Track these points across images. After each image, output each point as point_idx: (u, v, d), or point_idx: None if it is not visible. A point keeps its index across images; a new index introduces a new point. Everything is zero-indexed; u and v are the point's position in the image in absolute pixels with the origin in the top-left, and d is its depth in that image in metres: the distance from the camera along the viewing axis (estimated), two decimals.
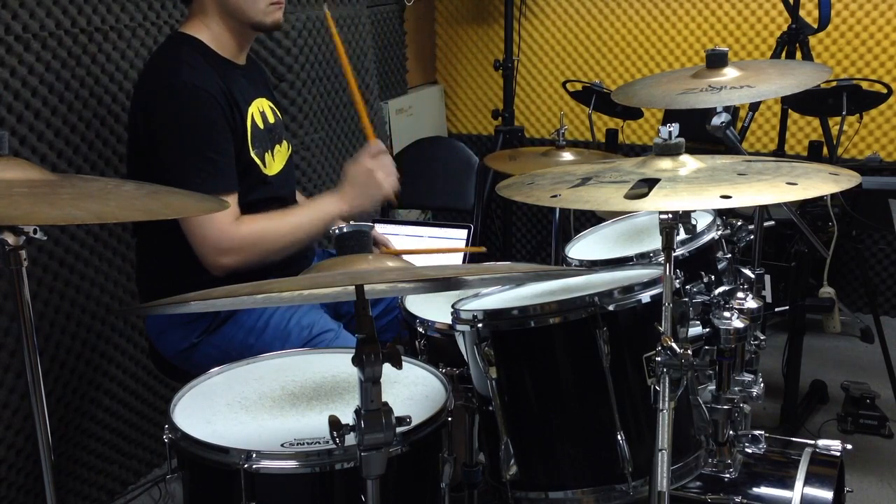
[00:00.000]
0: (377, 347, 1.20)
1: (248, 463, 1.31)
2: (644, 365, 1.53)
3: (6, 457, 2.15)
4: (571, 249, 2.12)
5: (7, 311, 2.10)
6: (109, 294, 2.41)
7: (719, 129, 2.08)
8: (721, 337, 1.63)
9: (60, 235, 2.25)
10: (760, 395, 1.73)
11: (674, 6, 3.79)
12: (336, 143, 3.35)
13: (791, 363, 2.78)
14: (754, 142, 3.80)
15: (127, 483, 2.59)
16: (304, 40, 3.09)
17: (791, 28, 2.95)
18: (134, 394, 2.54)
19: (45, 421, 1.41)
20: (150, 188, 1.52)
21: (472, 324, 1.59)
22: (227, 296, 1.18)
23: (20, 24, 2.09)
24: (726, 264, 1.94)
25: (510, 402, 1.60)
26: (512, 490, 1.61)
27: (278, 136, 2.13)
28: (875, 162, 3.49)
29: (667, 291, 1.38)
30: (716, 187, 1.35)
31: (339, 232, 1.80)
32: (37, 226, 1.32)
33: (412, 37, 4.08)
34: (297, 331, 2.00)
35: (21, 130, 2.11)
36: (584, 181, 1.49)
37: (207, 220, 1.86)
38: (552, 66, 4.09)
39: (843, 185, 1.38)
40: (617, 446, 1.53)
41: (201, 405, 1.52)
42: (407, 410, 1.33)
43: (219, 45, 2.00)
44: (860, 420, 2.79)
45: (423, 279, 1.36)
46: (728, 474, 1.71)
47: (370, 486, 1.23)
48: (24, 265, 1.34)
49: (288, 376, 1.63)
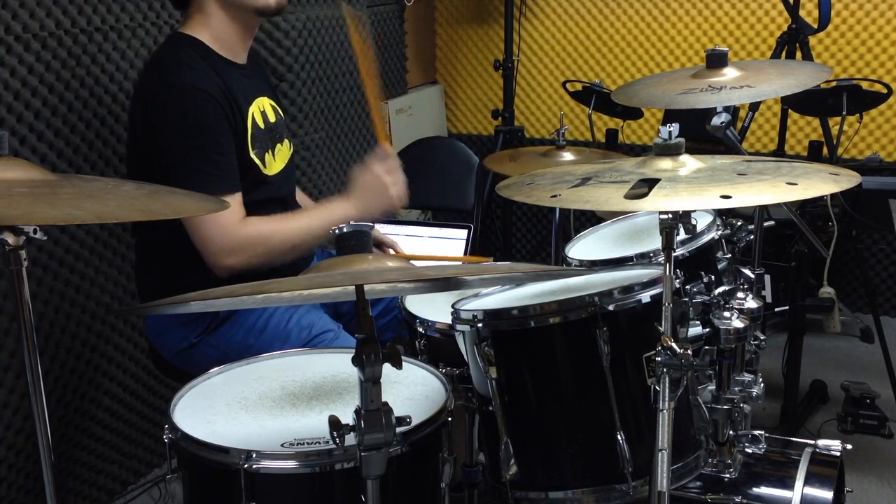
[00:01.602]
0: (377, 347, 1.20)
1: (248, 463, 1.31)
2: (644, 365, 1.53)
3: (6, 457, 2.15)
4: (571, 249, 2.12)
5: (7, 311, 2.10)
6: (109, 294, 2.41)
7: (719, 129, 2.08)
8: (721, 337, 1.63)
9: (60, 235, 2.25)
10: (760, 395, 1.73)
11: (674, 6, 3.79)
12: (336, 143, 3.35)
13: (791, 363, 2.78)
14: (754, 142, 3.80)
15: (127, 483, 2.59)
16: (304, 40, 3.09)
17: (791, 28, 2.95)
18: (134, 394, 2.54)
19: (45, 421, 1.41)
20: (150, 188, 1.51)
21: (472, 324, 1.59)
22: (227, 296, 1.18)
23: (20, 24, 2.09)
24: (726, 264, 1.94)
25: (510, 402, 1.60)
26: (512, 490, 1.61)
27: (279, 135, 2.12)
28: (875, 162, 3.48)
29: (667, 291, 1.38)
30: (716, 187, 1.35)
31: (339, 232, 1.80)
32: (37, 226, 1.32)
33: (412, 37, 4.07)
34: (296, 331, 2.00)
35: (21, 130, 2.11)
36: (584, 181, 1.49)
37: (212, 221, 1.84)
38: (552, 66, 4.09)
39: (843, 185, 1.39)
40: (617, 446, 1.53)
41: (201, 405, 1.52)
42: (407, 410, 1.33)
43: (219, 45, 1.98)
44: (860, 420, 2.79)
45: (423, 279, 1.36)
46: (728, 474, 1.71)
47: (370, 486, 1.23)
48: (24, 265, 1.34)
49: (288, 376, 1.63)
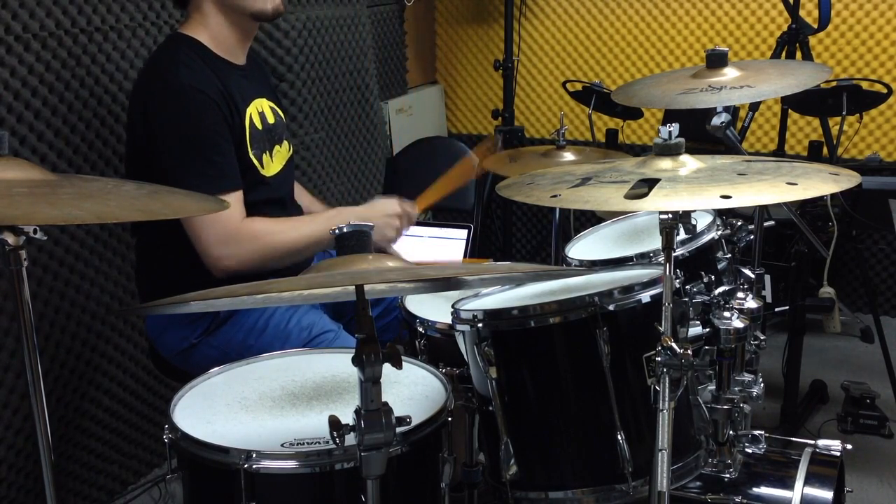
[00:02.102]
0: (377, 347, 1.20)
1: (248, 463, 1.31)
2: (644, 365, 1.53)
3: (6, 457, 2.15)
4: (571, 249, 2.12)
5: (7, 311, 2.10)
6: (109, 294, 2.41)
7: (719, 129, 2.08)
8: (721, 337, 1.63)
9: (60, 235, 2.25)
10: (760, 395, 1.73)
11: (674, 6, 3.79)
12: (336, 143, 3.35)
13: (791, 363, 2.78)
14: (754, 142, 3.80)
15: (127, 483, 2.59)
16: (304, 40, 3.09)
17: (791, 28, 2.95)
18: (134, 394, 2.54)
19: (45, 421, 1.41)
20: (150, 188, 1.51)
21: (472, 324, 1.59)
22: (227, 296, 1.18)
23: (20, 24, 2.09)
24: (726, 264, 1.94)
25: (510, 402, 1.60)
26: (512, 490, 1.61)
27: (278, 136, 2.12)
28: (875, 162, 3.48)
29: (667, 291, 1.38)
30: (716, 187, 1.35)
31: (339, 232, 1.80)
32: (37, 226, 1.32)
33: (412, 37, 4.07)
34: (296, 331, 2.00)
35: (21, 130, 2.11)
36: (584, 181, 1.49)
37: (209, 218, 1.84)
38: (552, 66, 4.08)
39: (843, 185, 1.38)
40: (617, 446, 1.53)
41: (201, 405, 1.52)
42: (407, 410, 1.33)
43: (218, 46, 1.98)
44: (860, 420, 2.79)
45: (423, 279, 1.36)
46: (728, 474, 1.71)
47: (370, 486, 1.23)
48: (24, 265, 1.34)
49: (288, 376, 1.63)
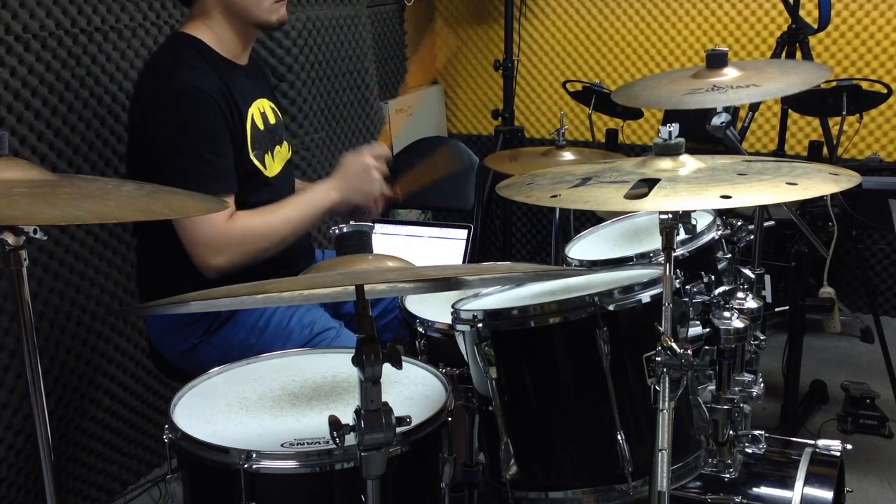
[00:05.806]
0: (377, 347, 1.20)
1: (248, 463, 1.31)
2: (644, 365, 1.53)
3: (6, 457, 2.15)
4: (571, 249, 2.12)
5: (7, 311, 2.10)
6: (109, 294, 2.41)
7: (719, 129, 2.08)
8: (721, 337, 1.63)
9: (60, 235, 2.25)
10: (760, 395, 1.73)
11: (674, 6, 3.79)
12: (336, 143, 3.35)
13: (791, 363, 2.78)
14: (754, 142, 3.80)
15: (127, 483, 2.59)
16: (304, 40, 3.09)
17: (791, 28, 2.95)
18: (134, 394, 2.54)
19: (45, 421, 1.41)
20: (150, 188, 1.51)
21: (472, 324, 1.59)
22: (227, 296, 1.18)
23: (20, 24, 2.09)
24: (726, 264, 1.94)
25: (510, 402, 1.60)
26: (512, 490, 1.61)
27: (278, 136, 2.12)
28: (875, 162, 3.48)
29: (667, 291, 1.38)
30: (716, 187, 1.35)
31: (339, 232, 1.80)
32: (37, 226, 1.32)
33: (412, 37, 4.08)
34: (298, 330, 2.00)
35: (21, 130, 2.11)
36: (584, 181, 1.49)
37: (200, 220, 1.84)
38: (552, 66, 4.09)
39: (843, 185, 1.38)
40: (617, 446, 1.53)
41: (201, 405, 1.52)
42: (407, 410, 1.33)
43: (220, 46, 1.98)
44: (860, 420, 2.79)
45: (423, 279, 1.36)
46: (728, 474, 1.71)
47: (370, 486, 1.23)
48: (25, 265, 1.34)
49: (288, 376, 1.63)
